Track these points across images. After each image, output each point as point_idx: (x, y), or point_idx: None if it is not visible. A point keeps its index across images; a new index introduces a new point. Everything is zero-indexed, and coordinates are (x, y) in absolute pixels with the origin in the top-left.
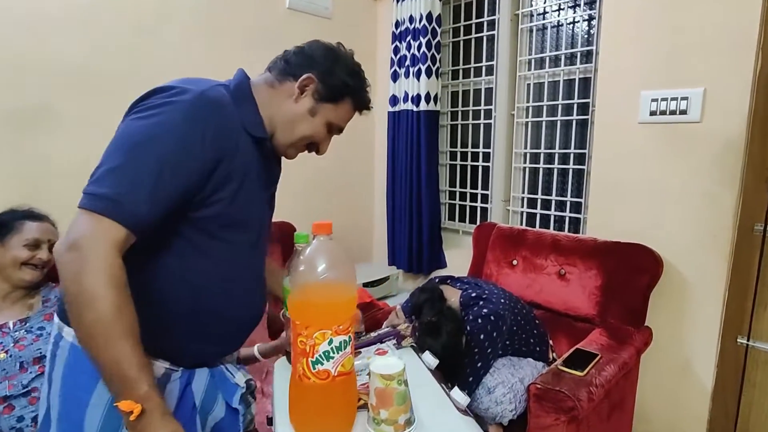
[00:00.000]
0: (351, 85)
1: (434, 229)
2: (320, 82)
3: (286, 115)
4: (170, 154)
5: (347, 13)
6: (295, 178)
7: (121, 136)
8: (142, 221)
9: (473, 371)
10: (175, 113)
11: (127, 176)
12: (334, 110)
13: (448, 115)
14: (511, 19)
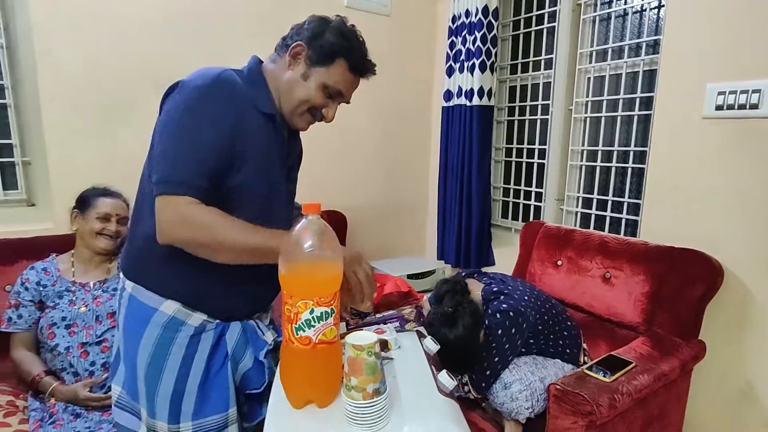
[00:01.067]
0: (340, 44)
1: (484, 226)
2: (310, 47)
3: (284, 84)
4: (202, 133)
5: (406, 10)
6: (350, 169)
7: (162, 127)
8: (204, 189)
9: (490, 365)
10: (196, 98)
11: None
12: (326, 72)
13: (504, 111)
14: (573, 10)
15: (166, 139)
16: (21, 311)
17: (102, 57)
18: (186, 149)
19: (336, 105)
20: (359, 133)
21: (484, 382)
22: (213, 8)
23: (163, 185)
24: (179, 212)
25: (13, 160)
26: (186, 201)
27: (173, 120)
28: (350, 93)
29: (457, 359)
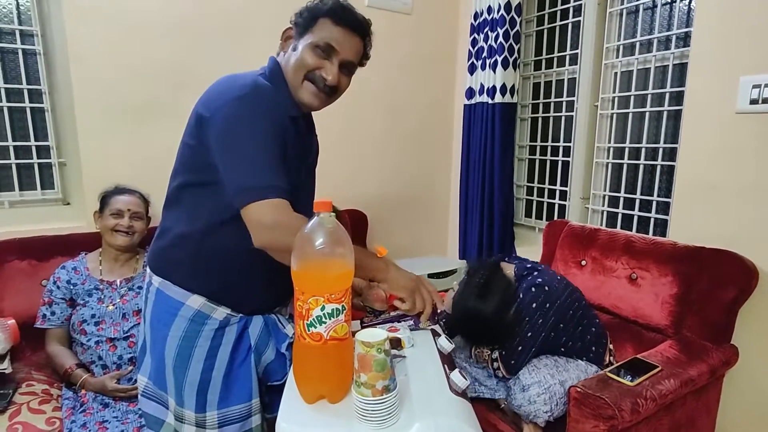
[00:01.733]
0: (318, 7)
1: (506, 225)
2: (295, 24)
3: (284, 67)
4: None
5: (428, 8)
6: (371, 168)
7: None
8: (289, 191)
9: (522, 341)
10: (246, 107)
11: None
12: (312, 35)
13: (528, 108)
14: (599, 3)
15: (236, 150)
16: (54, 308)
17: (131, 62)
18: (261, 156)
19: (334, 65)
20: (380, 131)
21: (514, 359)
22: (233, 12)
23: (254, 192)
24: (282, 216)
25: (50, 161)
26: (284, 204)
27: (234, 132)
28: (346, 49)
29: (487, 333)
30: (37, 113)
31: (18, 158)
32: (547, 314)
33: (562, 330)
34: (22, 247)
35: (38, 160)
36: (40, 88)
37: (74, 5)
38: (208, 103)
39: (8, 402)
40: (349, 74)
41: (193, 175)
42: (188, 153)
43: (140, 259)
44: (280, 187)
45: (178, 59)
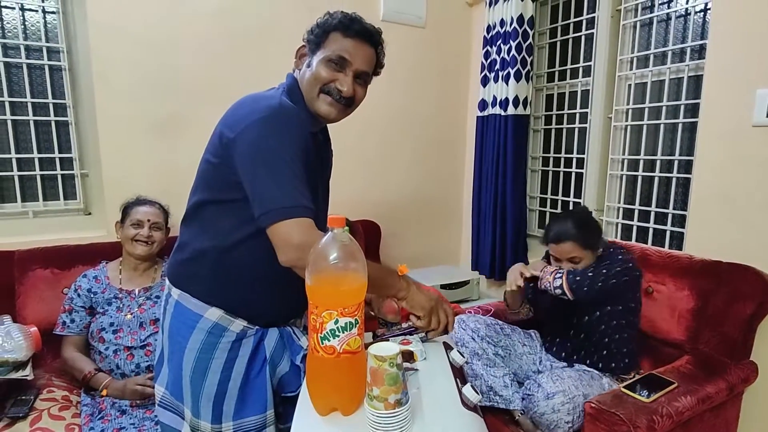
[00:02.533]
0: (328, 22)
1: (519, 236)
2: (308, 42)
3: (300, 84)
4: (291, 160)
5: (441, 21)
6: (385, 179)
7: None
8: (312, 209)
9: (595, 270)
10: (272, 128)
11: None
12: (324, 50)
13: (541, 119)
14: (611, 16)
15: (263, 170)
16: (74, 316)
17: (153, 77)
18: (287, 176)
19: (349, 76)
20: (394, 143)
21: (580, 276)
22: (252, 27)
23: (282, 211)
24: (308, 236)
25: (72, 173)
26: (310, 224)
27: (261, 153)
28: (359, 60)
29: (583, 223)
30: (61, 126)
31: (42, 169)
32: (622, 272)
33: (621, 306)
34: (45, 256)
35: (62, 171)
36: (64, 102)
37: (99, 23)
38: (234, 125)
39: (30, 408)
40: (365, 84)
41: (213, 193)
42: (210, 171)
43: (159, 269)
44: (306, 206)
45: (199, 74)
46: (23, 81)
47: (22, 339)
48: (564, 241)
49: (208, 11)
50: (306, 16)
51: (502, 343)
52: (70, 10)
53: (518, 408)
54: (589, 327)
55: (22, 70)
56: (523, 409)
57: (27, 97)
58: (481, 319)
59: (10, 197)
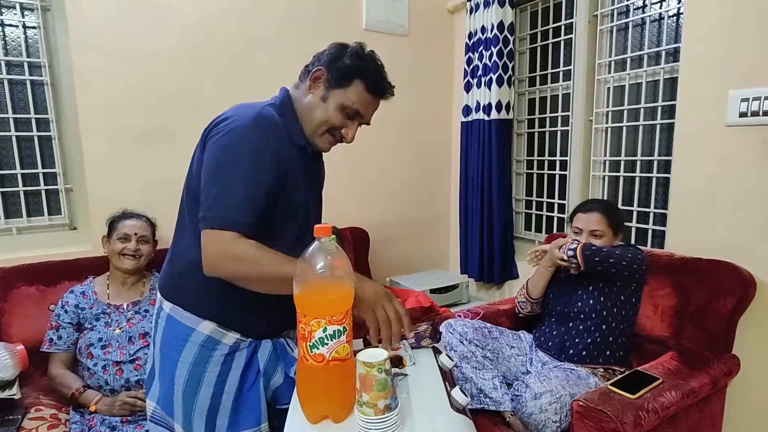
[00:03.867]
0: (357, 66)
1: (506, 239)
2: (328, 71)
3: (305, 108)
4: (250, 171)
5: (423, 29)
6: (373, 187)
7: (210, 165)
8: (251, 225)
9: (608, 248)
10: (242, 137)
11: (229, 199)
12: (344, 94)
13: (524, 123)
14: (589, 21)
15: (216, 178)
16: (61, 332)
17: (135, 90)
18: (236, 187)
19: (355, 126)
20: (380, 150)
21: (593, 248)
22: (235, 38)
23: (211, 220)
24: (226, 247)
25: (57, 188)
26: (232, 236)
27: (220, 160)
28: (369, 114)
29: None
30: (44, 141)
31: (25, 185)
32: (635, 258)
33: (623, 294)
34: (30, 272)
35: (45, 186)
36: (47, 117)
37: (80, 37)
38: (213, 129)
39: (18, 428)
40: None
41: (198, 200)
42: (194, 179)
43: (147, 282)
44: (242, 221)
45: (182, 86)
46: (4, 96)
47: (8, 358)
48: (593, 211)
49: (191, 23)
50: (291, 27)
51: (490, 345)
52: (51, 25)
53: (508, 409)
54: (590, 312)
55: (3, 85)
56: (513, 410)
57: (9, 112)
58: (469, 323)
59: None
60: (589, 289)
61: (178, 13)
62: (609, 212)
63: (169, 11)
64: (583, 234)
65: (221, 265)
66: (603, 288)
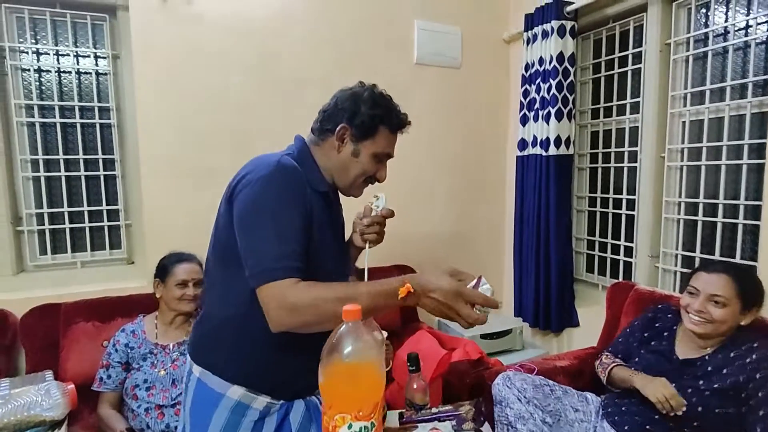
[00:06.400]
0: (377, 115)
1: (565, 282)
2: (352, 126)
3: (337, 165)
4: (282, 216)
5: (477, 61)
6: (421, 223)
7: (243, 221)
8: (300, 268)
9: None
10: (266, 185)
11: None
12: (373, 143)
13: (586, 158)
14: (660, 50)
15: (251, 232)
16: (110, 372)
17: (190, 131)
18: (273, 236)
19: (385, 164)
20: (430, 185)
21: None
22: (287, 79)
23: (259, 276)
24: (281, 299)
25: (118, 224)
26: (286, 284)
27: (251, 213)
28: (394, 149)
29: (744, 273)
30: (109, 180)
31: (91, 221)
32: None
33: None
34: (88, 308)
35: (108, 222)
36: (113, 157)
37: (144, 81)
38: (238, 185)
39: None
40: None
41: (227, 256)
42: (221, 234)
43: (192, 322)
44: (290, 266)
45: (235, 127)
46: (76, 138)
47: (60, 397)
48: (719, 272)
49: (245, 67)
50: (342, 66)
51: (551, 407)
52: (120, 71)
53: None
54: (697, 417)
55: (76, 128)
56: None
57: (79, 153)
58: (529, 378)
59: (62, 248)
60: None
61: (237, 53)
62: (741, 278)
63: (225, 55)
64: (700, 298)
65: (282, 319)
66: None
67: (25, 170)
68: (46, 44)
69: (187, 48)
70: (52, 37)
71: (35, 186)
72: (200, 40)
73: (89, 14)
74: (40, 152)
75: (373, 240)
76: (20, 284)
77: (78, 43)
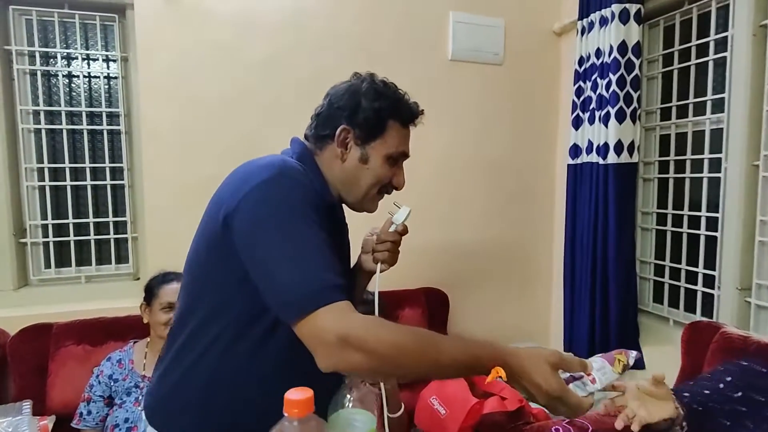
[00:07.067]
0: (383, 107)
1: (627, 314)
2: (354, 126)
3: (343, 177)
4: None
5: (522, 56)
6: (454, 238)
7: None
8: (344, 285)
9: None
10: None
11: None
12: (384, 143)
13: (654, 166)
14: (753, 34)
15: (271, 248)
16: (91, 407)
17: (195, 136)
18: (304, 248)
19: (402, 167)
20: (465, 197)
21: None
22: (301, 76)
23: (305, 301)
24: (347, 326)
25: (126, 236)
26: (345, 308)
27: (265, 223)
28: (409, 146)
29: None
30: (117, 190)
31: (97, 233)
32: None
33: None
34: (81, 329)
35: (115, 235)
36: (122, 166)
37: (148, 84)
38: (227, 199)
39: None
40: None
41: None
42: (201, 257)
43: None
44: (335, 285)
45: (244, 130)
46: (83, 146)
47: None
48: None
49: (255, 63)
50: (364, 61)
51: None
52: (131, 74)
53: None
54: None
55: (83, 135)
56: None
57: (86, 161)
58: None
59: (67, 262)
60: None
61: (244, 53)
62: None
63: (235, 52)
64: None
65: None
66: None
67: (30, 179)
68: (54, 47)
69: (195, 47)
70: (61, 40)
71: (40, 196)
72: (209, 38)
73: (98, 14)
74: (46, 160)
75: (383, 260)
76: (21, 300)
77: (88, 46)
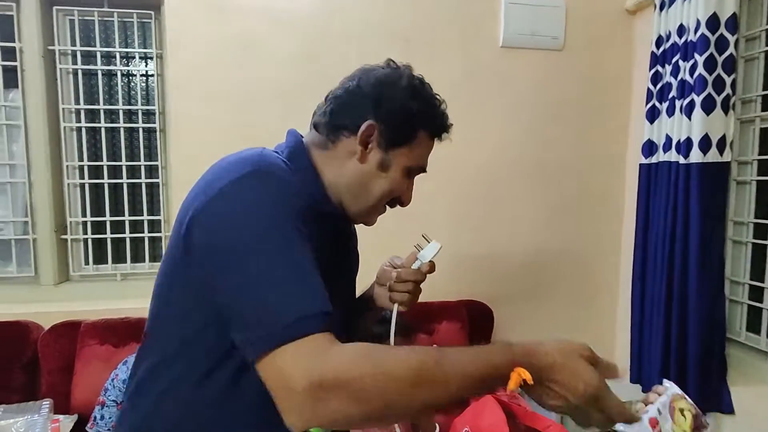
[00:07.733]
0: (418, 111)
1: (711, 343)
2: (381, 124)
3: (353, 180)
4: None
5: (587, 40)
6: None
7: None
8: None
9: None
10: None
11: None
12: (410, 152)
13: (752, 167)
14: None
15: (236, 275)
16: (104, 412)
17: (221, 133)
18: (274, 274)
19: (413, 182)
20: (517, 199)
21: None
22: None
23: (268, 336)
24: (322, 367)
25: (160, 235)
26: (320, 342)
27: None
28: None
29: None
30: (153, 187)
31: (132, 231)
32: None
33: None
34: (106, 329)
35: (149, 234)
36: (157, 164)
37: (175, 81)
38: (194, 201)
39: None
40: None
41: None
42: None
43: None
44: (312, 311)
45: (271, 126)
46: (120, 144)
47: None
48: None
49: (283, 57)
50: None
51: None
52: (164, 72)
53: None
54: None
55: (120, 133)
56: None
57: (123, 160)
58: None
59: (105, 259)
60: None
61: (270, 46)
62: None
63: (263, 46)
64: None
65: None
66: None
67: (72, 177)
68: (95, 46)
69: (223, 42)
70: (101, 39)
71: (81, 193)
72: (237, 32)
73: (135, 12)
74: (86, 158)
75: (402, 301)
76: (61, 295)
77: (127, 44)
